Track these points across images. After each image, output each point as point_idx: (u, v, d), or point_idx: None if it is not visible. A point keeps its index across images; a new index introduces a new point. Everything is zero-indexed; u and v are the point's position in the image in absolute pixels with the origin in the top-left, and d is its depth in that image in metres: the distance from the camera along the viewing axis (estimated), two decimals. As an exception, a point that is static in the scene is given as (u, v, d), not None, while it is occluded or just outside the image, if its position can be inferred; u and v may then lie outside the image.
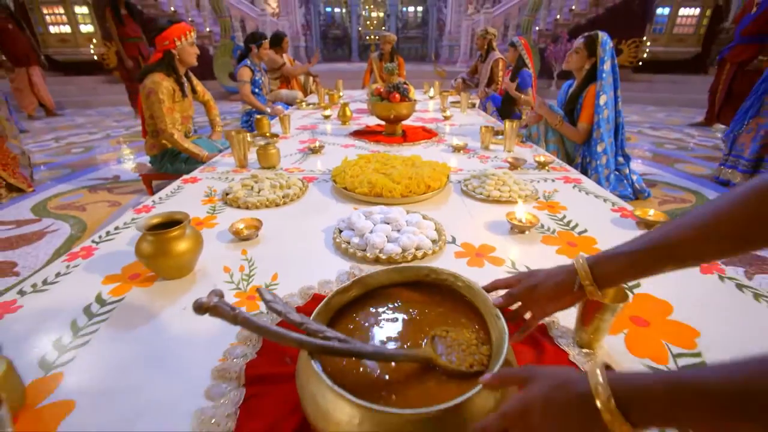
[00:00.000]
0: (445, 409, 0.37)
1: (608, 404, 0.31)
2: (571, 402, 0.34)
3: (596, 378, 0.33)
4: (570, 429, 0.34)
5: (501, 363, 0.41)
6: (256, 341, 0.61)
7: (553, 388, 0.36)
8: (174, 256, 0.76)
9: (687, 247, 0.43)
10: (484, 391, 0.39)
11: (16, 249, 1.51)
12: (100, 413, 0.50)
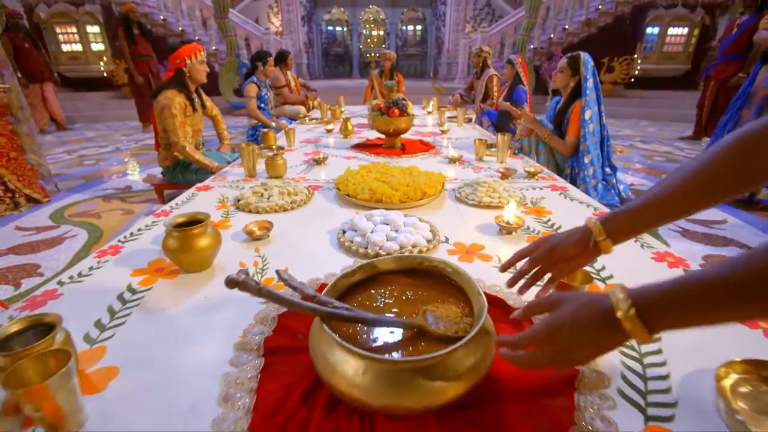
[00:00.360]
0: (431, 358, 0.46)
1: (628, 313, 0.36)
2: (596, 317, 0.39)
3: (617, 294, 0.38)
4: (596, 342, 0.39)
5: (479, 328, 0.50)
6: (271, 321, 0.70)
7: (579, 307, 0.41)
8: (196, 251, 0.86)
9: (677, 200, 0.51)
10: (463, 348, 0.48)
11: (38, 253, 1.60)
12: (140, 376, 0.59)
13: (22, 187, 2.30)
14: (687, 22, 6.20)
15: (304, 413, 0.51)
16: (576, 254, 0.59)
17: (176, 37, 6.36)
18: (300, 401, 0.53)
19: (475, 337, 0.50)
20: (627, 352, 0.63)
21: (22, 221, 2.00)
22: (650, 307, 0.37)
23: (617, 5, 6.33)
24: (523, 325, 0.69)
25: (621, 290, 0.39)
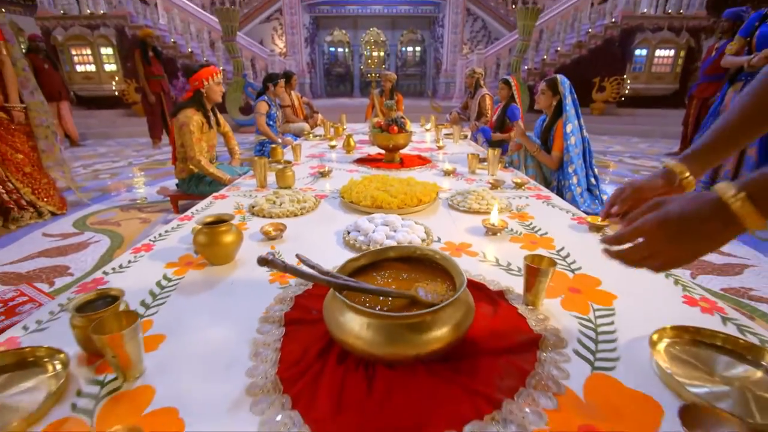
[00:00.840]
0: (420, 315, 0.60)
1: (738, 196, 0.37)
2: (705, 207, 0.40)
3: (725, 186, 0.39)
4: (705, 233, 0.40)
5: (459, 294, 0.64)
6: (289, 301, 0.84)
7: (686, 202, 0.42)
8: (222, 246, 1.00)
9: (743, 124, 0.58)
10: (445, 309, 0.62)
11: (66, 256, 1.74)
12: (184, 341, 0.72)
13: (36, 199, 2.42)
14: (673, 45, 6.50)
15: (319, 366, 0.64)
16: (662, 193, 0.65)
17: (185, 59, 6.66)
18: (315, 357, 0.66)
19: (456, 302, 0.63)
20: (584, 323, 0.77)
21: (47, 228, 2.14)
22: (761, 190, 0.37)
23: (606, 29, 6.65)
24: (500, 303, 0.83)
25: (727, 184, 0.40)
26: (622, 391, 0.60)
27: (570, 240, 1.18)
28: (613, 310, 0.81)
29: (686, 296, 0.86)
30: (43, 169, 2.52)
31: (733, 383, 0.60)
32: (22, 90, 2.64)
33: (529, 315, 0.79)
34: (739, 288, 1.50)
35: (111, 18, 6.47)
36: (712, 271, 1.63)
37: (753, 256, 1.77)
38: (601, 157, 4.31)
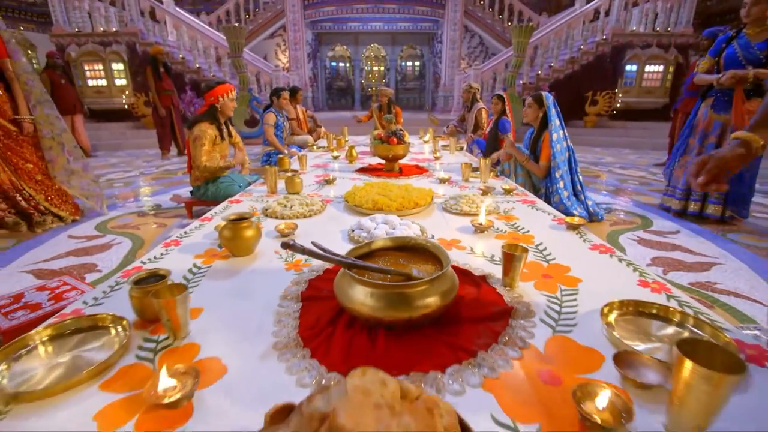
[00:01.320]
0: (413, 285, 0.75)
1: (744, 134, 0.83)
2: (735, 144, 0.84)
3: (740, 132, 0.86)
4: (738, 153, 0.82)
5: (445, 271, 0.79)
6: (304, 283, 0.99)
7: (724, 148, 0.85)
8: (244, 239, 1.15)
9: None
10: (433, 282, 0.77)
11: (92, 255, 1.89)
12: (218, 313, 0.87)
13: (49, 206, 2.53)
14: (662, 61, 6.76)
15: (331, 329, 0.79)
16: (744, 159, 0.84)
17: (193, 74, 6.92)
18: (328, 322, 0.81)
19: (442, 277, 0.79)
20: (551, 299, 0.92)
21: (72, 231, 2.30)
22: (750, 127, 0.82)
23: (597, 45, 6.93)
24: (482, 286, 0.98)
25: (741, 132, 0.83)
26: (576, 347, 0.75)
27: (548, 237, 1.33)
28: (578, 290, 0.96)
29: (641, 280, 1.01)
30: (50, 178, 2.63)
31: (663, 340, 0.75)
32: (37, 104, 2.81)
33: (506, 294, 0.94)
34: (704, 282, 1.65)
35: (122, 35, 6.75)
36: (683, 268, 1.79)
37: (722, 256, 1.93)
38: (592, 167, 4.49)
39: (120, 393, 0.63)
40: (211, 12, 10.29)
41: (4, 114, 2.27)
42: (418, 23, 11.15)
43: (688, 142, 2.53)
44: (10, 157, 2.30)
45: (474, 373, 0.67)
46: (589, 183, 3.63)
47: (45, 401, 0.61)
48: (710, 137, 2.43)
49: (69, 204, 2.66)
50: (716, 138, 2.41)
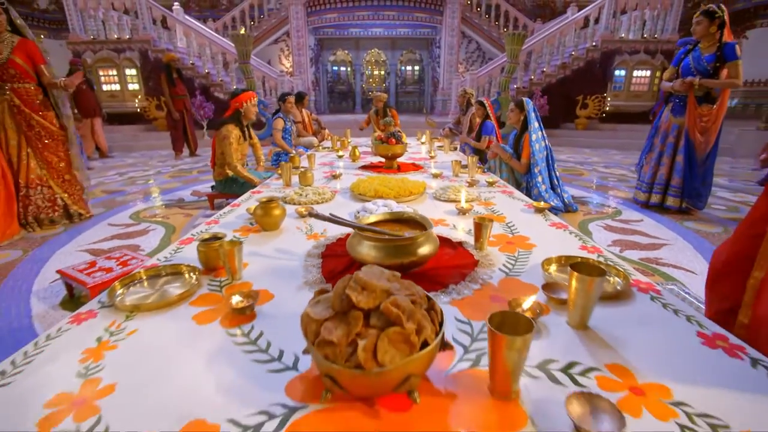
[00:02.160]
0: (405, 239, 1.05)
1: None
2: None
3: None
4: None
5: (427, 232, 1.10)
6: (323, 246, 1.30)
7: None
8: (273, 217, 1.46)
9: None
10: (419, 239, 1.07)
11: (133, 239, 2.20)
12: (259, 265, 1.17)
13: (71, 203, 2.76)
14: (649, 66, 7.08)
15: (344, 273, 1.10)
16: None
17: (202, 79, 7.25)
18: (343, 269, 1.12)
19: (426, 236, 1.09)
20: (510, 258, 1.22)
21: (111, 220, 2.61)
22: None
23: (588, 51, 7.26)
24: (459, 249, 1.28)
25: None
26: (520, 284, 1.05)
27: (517, 217, 1.64)
28: (531, 252, 1.27)
29: (582, 246, 1.32)
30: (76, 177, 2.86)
31: (582, 279, 1.05)
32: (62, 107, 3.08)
33: (476, 253, 1.24)
34: (652, 258, 1.95)
35: (135, 42, 7.09)
36: (638, 248, 2.09)
37: (673, 239, 2.23)
38: (578, 167, 4.80)
39: (204, 306, 0.94)
40: (218, 18, 10.65)
41: (45, 116, 2.57)
42: (417, 29, 11.50)
43: (653, 141, 2.84)
44: (46, 156, 2.58)
45: (446, 296, 0.97)
46: (571, 180, 3.94)
47: (154, 312, 0.92)
48: (669, 138, 2.74)
49: (82, 203, 2.84)
50: (674, 138, 2.72)
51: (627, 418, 0.56)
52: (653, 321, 0.86)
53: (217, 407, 0.62)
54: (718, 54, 2.54)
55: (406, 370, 0.58)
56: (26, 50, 2.43)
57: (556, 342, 0.79)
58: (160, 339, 0.81)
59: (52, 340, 0.80)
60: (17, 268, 1.88)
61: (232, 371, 0.71)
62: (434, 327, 0.64)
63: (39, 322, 1.45)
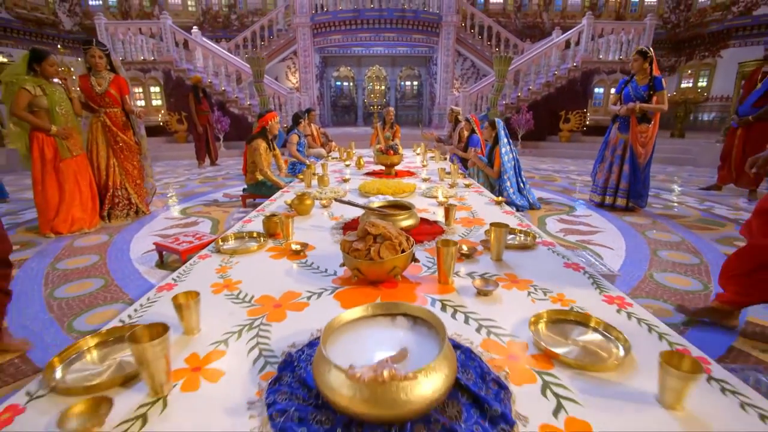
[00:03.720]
0: (397, 215, 1.68)
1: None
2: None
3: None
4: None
5: (411, 212, 1.73)
6: (341, 224, 1.93)
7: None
8: (305, 205, 2.09)
9: None
10: (405, 213, 1.71)
11: (189, 228, 2.83)
12: (301, 235, 1.80)
13: (138, 203, 3.46)
14: (625, 85, 7.80)
15: (359, 237, 1.73)
16: None
17: (219, 95, 7.97)
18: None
19: (409, 213, 1.73)
20: (468, 229, 1.85)
21: (165, 215, 3.25)
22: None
23: (569, 71, 7.98)
24: (435, 225, 1.91)
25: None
26: (469, 242, 1.67)
27: (480, 208, 2.27)
28: (483, 227, 1.90)
29: (519, 223, 1.94)
30: (143, 182, 3.54)
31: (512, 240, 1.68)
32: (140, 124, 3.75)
33: (445, 227, 1.87)
34: (585, 240, 2.58)
35: (159, 63, 7.83)
36: (577, 233, 2.71)
37: (608, 228, 2.86)
38: (554, 174, 5.45)
39: (273, 252, 1.56)
40: (230, 38, 11.47)
41: (126, 134, 3.24)
42: (416, 48, 12.30)
43: (604, 153, 3.49)
44: (125, 165, 3.25)
45: (421, 247, 1.60)
46: (544, 185, 4.57)
47: (243, 255, 1.54)
48: (617, 150, 3.39)
49: (144, 203, 3.55)
50: (621, 151, 3.36)
51: (502, 291, 1.19)
52: (542, 259, 1.49)
53: (298, 288, 1.24)
54: (650, 84, 3.21)
55: (393, 263, 1.20)
56: (118, 84, 3.12)
57: (481, 266, 1.41)
58: (252, 266, 1.44)
59: (191, 269, 1.42)
60: (112, 245, 2.52)
61: (302, 276, 1.34)
62: (408, 245, 1.26)
63: (146, 275, 2.07)
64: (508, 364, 0.85)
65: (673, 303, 1.82)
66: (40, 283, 2.00)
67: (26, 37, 11.04)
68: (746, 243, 1.61)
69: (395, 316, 0.86)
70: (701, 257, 2.32)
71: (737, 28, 10.32)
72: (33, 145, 2.69)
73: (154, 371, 0.75)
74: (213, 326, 1.01)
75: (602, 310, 1.07)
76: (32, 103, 2.62)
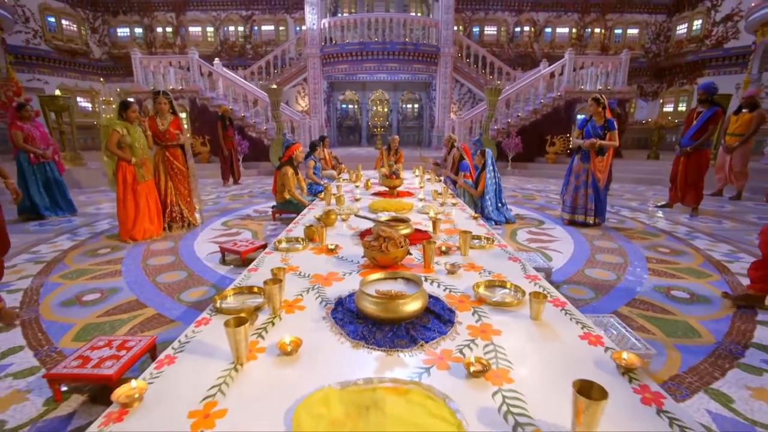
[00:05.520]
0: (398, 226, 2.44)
1: None
2: None
3: None
4: None
5: (410, 224, 2.49)
6: (359, 232, 2.68)
7: None
8: (331, 220, 2.85)
9: None
10: (405, 225, 2.46)
11: (234, 236, 3.59)
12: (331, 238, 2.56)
13: (189, 216, 4.24)
14: (604, 112, 8.65)
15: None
16: None
17: (239, 121, 8.87)
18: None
19: (407, 224, 2.49)
20: (450, 235, 2.61)
21: (212, 226, 4.02)
22: None
23: (554, 100, 8.86)
24: (425, 234, 2.65)
25: None
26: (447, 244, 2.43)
27: (461, 221, 3.02)
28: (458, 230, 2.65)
29: (486, 232, 2.69)
30: (191, 200, 4.34)
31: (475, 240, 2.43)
32: None
33: (432, 234, 2.63)
34: (544, 246, 3.32)
35: (186, 92, 8.76)
36: (539, 242, 3.45)
37: (564, 237, 3.60)
38: (535, 193, 6.22)
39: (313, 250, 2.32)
40: (246, 66, 12.51)
41: (180, 162, 4.05)
42: (416, 75, 13.30)
43: (569, 179, 4.27)
44: (179, 187, 4.06)
45: (414, 247, 2.35)
46: (524, 203, 5.34)
47: (294, 252, 2.29)
48: (581, 176, 4.17)
49: (194, 216, 4.36)
50: (584, 177, 4.14)
51: (463, 271, 1.94)
52: (494, 255, 2.23)
53: (336, 270, 1.99)
54: (605, 125, 4.01)
55: (396, 254, 1.96)
56: (176, 123, 3.95)
57: (452, 258, 2.16)
58: (302, 258, 2.19)
59: (264, 260, 2.17)
60: (181, 249, 3.28)
61: (337, 263, 2.09)
62: (406, 244, 2.02)
63: (215, 269, 2.83)
64: (457, 304, 1.59)
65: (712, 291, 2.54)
66: (142, 273, 2.76)
67: (61, 65, 12.12)
68: None
69: (397, 278, 1.61)
70: (626, 258, 3.06)
71: (710, 59, 11.27)
72: (118, 172, 3.49)
73: (274, 302, 1.49)
74: (291, 288, 1.75)
75: (522, 284, 1.82)
76: (120, 141, 3.43)
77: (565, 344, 1.32)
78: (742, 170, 5.65)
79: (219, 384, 1.11)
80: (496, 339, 1.35)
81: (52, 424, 1.37)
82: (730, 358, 1.76)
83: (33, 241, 3.64)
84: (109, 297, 2.44)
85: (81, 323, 2.11)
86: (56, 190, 4.62)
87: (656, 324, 2.10)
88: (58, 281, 2.68)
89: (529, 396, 1.03)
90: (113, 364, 1.47)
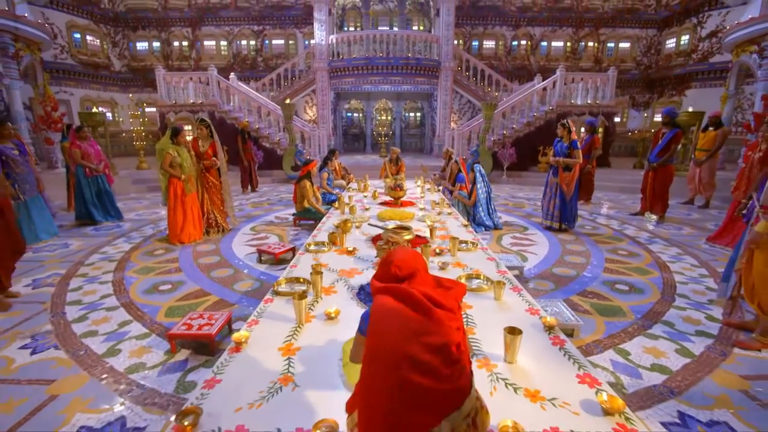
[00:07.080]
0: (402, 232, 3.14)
1: None
2: None
3: None
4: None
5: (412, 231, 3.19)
6: (370, 238, 3.38)
7: None
8: (347, 227, 3.55)
9: None
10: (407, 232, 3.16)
11: (263, 240, 4.30)
12: (350, 242, 3.26)
13: (222, 223, 4.94)
14: (593, 124, 9.32)
15: (381, 244, 3.18)
16: None
17: (254, 132, 9.61)
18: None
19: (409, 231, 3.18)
20: (441, 238, 3.30)
21: (243, 231, 4.73)
22: None
23: (546, 113, 9.54)
24: (423, 239, 3.34)
25: None
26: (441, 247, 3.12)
27: (454, 229, 3.71)
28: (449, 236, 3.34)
29: (473, 237, 3.38)
30: (224, 208, 5.05)
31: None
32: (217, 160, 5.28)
33: (430, 239, 3.32)
34: (521, 249, 4.00)
35: (206, 106, 9.51)
36: (519, 245, 4.13)
37: (542, 241, 4.27)
38: (524, 201, 6.90)
39: (335, 251, 3.02)
40: (257, 78, 13.27)
41: (214, 177, 4.77)
42: (419, 86, 14.02)
43: (546, 190, 4.96)
44: (213, 198, 4.77)
45: (414, 249, 3.05)
46: (512, 210, 6.02)
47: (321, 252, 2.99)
48: (553, 188, 4.86)
49: (226, 223, 5.06)
50: (554, 188, 4.83)
51: (451, 268, 2.63)
52: (477, 256, 2.92)
53: (356, 266, 2.69)
54: (569, 145, 4.70)
55: (401, 254, 2.65)
56: (213, 146, 4.67)
57: (444, 258, 2.85)
58: (328, 257, 2.88)
59: (300, 259, 2.87)
60: (222, 251, 3.99)
61: (356, 261, 2.78)
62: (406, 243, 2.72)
63: (255, 266, 3.52)
64: (444, 288, 2.28)
65: (553, 282, 3.21)
66: (198, 270, 3.46)
67: (85, 78, 12.93)
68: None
69: (402, 270, 2.32)
70: (589, 259, 3.73)
71: (697, 72, 11.93)
72: (170, 187, 4.21)
73: (317, 287, 2.19)
74: (325, 280, 2.45)
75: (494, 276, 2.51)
76: (171, 161, 4.15)
77: (515, 314, 2.01)
78: (709, 181, 6.31)
79: (291, 334, 1.81)
80: (469, 311, 2.03)
81: (174, 365, 2.07)
82: (640, 329, 2.43)
83: (97, 243, 4.36)
84: (178, 288, 3.14)
85: (165, 306, 2.81)
86: (107, 199, 5.35)
87: (596, 308, 2.77)
88: (134, 275, 3.39)
89: (484, 341, 1.72)
90: (209, 329, 2.17)
